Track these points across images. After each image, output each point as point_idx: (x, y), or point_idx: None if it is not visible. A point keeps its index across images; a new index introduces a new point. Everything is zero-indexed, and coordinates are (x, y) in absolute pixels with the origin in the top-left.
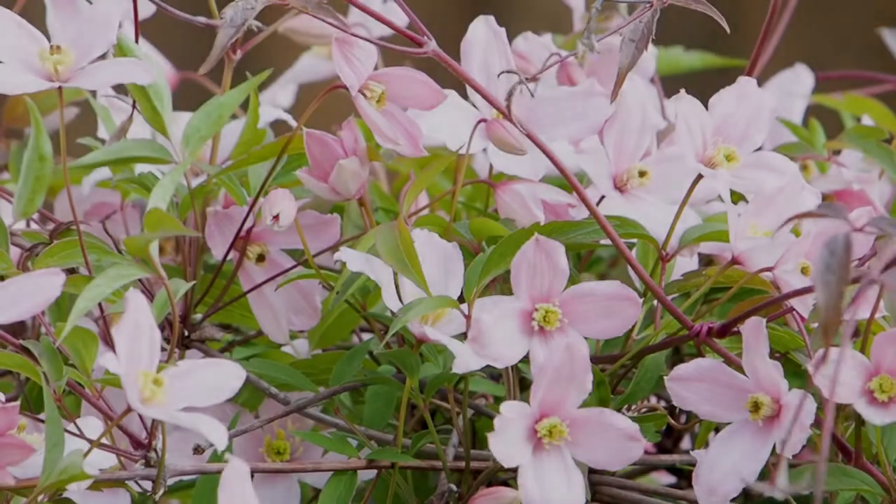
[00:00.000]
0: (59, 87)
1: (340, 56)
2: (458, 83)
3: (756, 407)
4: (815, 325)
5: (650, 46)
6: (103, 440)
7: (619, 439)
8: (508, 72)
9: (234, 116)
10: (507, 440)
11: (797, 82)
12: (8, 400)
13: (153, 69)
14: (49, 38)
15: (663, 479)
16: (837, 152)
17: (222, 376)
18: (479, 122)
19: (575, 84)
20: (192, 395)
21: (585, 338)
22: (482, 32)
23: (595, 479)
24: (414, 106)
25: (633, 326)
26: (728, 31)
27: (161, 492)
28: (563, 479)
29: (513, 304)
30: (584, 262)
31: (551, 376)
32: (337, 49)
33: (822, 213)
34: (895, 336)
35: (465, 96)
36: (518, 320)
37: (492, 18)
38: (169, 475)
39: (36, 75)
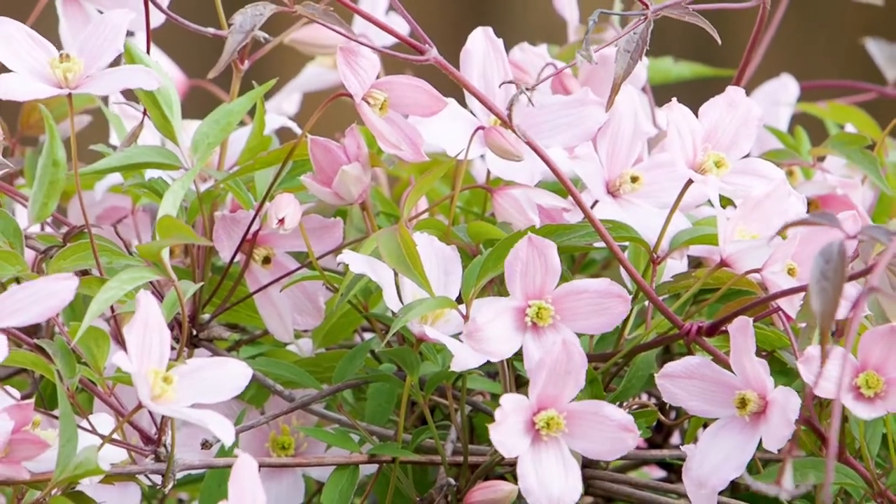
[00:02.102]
0: (69, 94)
1: (345, 65)
2: (456, 92)
3: (743, 403)
4: (802, 324)
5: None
6: (115, 436)
7: (613, 430)
8: (509, 82)
9: (241, 124)
10: (506, 431)
11: (783, 91)
12: (23, 397)
13: (159, 75)
14: (62, 48)
15: (654, 473)
16: (822, 158)
17: (229, 375)
18: (478, 129)
19: (569, 93)
20: (201, 392)
21: (577, 334)
22: (480, 43)
23: (588, 473)
24: (415, 113)
25: (626, 325)
26: (719, 41)
27: (170, 485)
28: (560, 470)
29: (507, 301)
30: (578, 265)
31: (549, 371)
32: (341, 58)
33: (817, 221)
34: (881, 334)
35: (463, 104)
36: (512, 317)
37: (490, 29)
38: (178, 469)
39: (46, 83)
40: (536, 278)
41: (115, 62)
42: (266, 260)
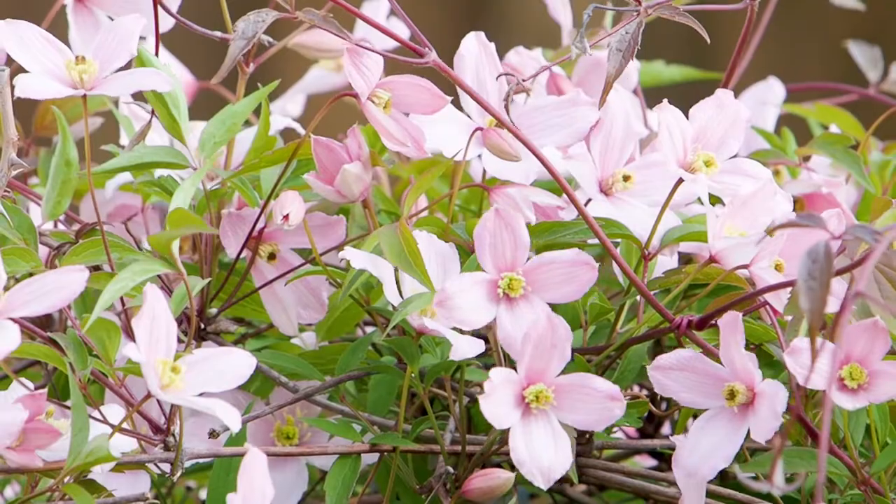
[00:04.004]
0: (84, 95)
1: (351, 65)
2: (453, 95)
3: (732, 395)
4: (788, 318)
5: (634, 61)
6: (125, 425)
7: (601, 400)
8: (505, 74)
9: (247, 124)
10: (496, 402)
11: (770, 93)
12: (37, 388)
13: (171, 78)
14: (72, 51)
15: (645, 462)
16: (807, 158)
17: (235, 364)
18: (475, 130)
19: (563, 94)
20: (207, 381)
21: (570, 326)
22: (473, 47)
23: (582, 461)
24: (417, 111)
25: (618, 319)
26: (708, 40)
27: (179, 474)
28: (550, 442)
29: (479, 273)
30: None
31: (535, 345)
32: (348, 58)
33: (803, 223)
34: (864, 328)
35: (458, 107)
36: (484, 289)
37: (482, 34)
38: (186, 458)
39: (62, 84)
40: (507, 252)
41: (127, 65)
42: (271, 256)
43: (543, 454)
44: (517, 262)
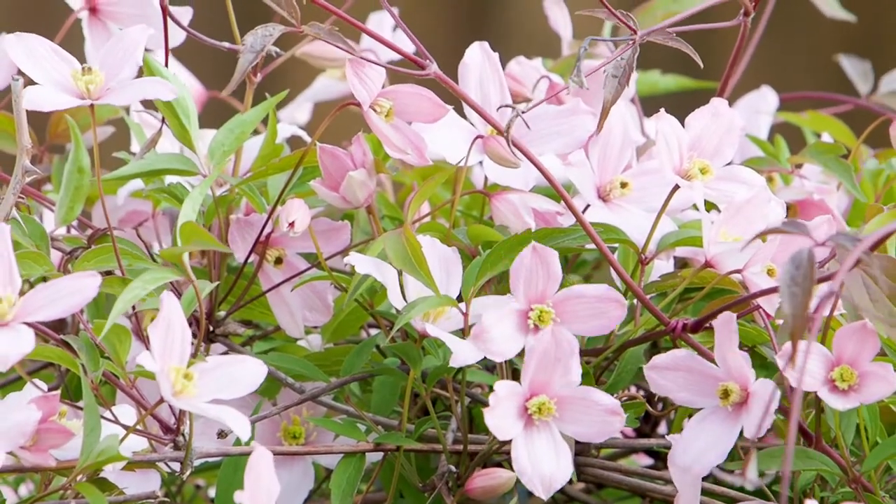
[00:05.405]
0: (91, 105)
1: (354, 75)
2: (456, 102)
3: (726, 394)
4: (780, 321)
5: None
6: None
7: (601, 414)
8: (508, 106)
9: (255, 132)
10: (500, 415)
11: (763, 102)
12: (50, 389)
13: (175, 87)
14: (86, 62)
15: (642, 460)
16: (800, 166)
17: (247, 372)
18: (476, 137)
19: (562, 103)
20: (219, 388)
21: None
22: (477, 56)
23: (580, 460)
24: (418, 120)
25: None
26: (701, 65)
27: (188, 472)
28: (551, 452)
29: (511, 304)
30: (571, 265)
31: (540, 358)
32: (350, 69)
33: (787, 230)
34: (854, 330)
35: (461, 114)
36: (515, 319)
37: (486, 44)
38: (195, 457)
39: (70, 94)
40: (539, 284)
41: (138, 75)
42: (278, 260)
43: (545, 464)
44: (547, 293)
